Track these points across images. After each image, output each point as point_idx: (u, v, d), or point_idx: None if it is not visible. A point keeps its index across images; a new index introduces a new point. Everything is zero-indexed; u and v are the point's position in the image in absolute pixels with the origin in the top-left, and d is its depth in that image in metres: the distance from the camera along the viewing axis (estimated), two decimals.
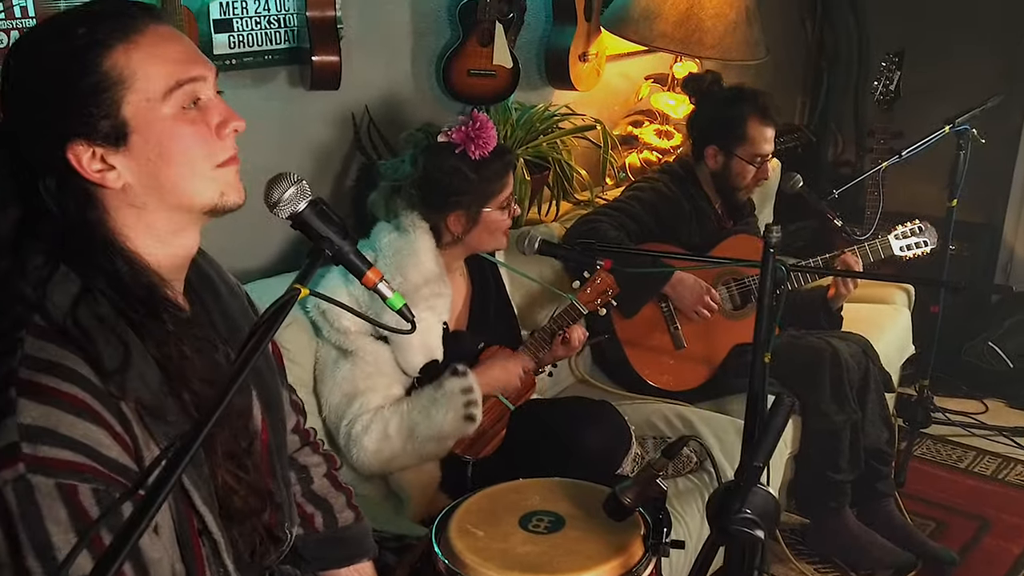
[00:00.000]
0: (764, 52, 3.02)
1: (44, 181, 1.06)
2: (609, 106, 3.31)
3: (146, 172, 1.08)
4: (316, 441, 1.51)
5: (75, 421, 0.98)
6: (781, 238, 1.58)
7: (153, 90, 1.06)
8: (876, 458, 2.59)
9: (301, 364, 2.03)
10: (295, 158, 2.39)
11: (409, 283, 1.95)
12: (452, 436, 1.96)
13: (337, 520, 1.46)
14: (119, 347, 1.03)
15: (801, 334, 2.68)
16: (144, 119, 1.06)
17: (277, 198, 1.08)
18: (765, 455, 1.04)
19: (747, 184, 2.67)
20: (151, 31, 1.08)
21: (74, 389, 0.98)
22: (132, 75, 1.05)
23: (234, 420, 1.17)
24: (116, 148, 1.06)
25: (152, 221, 1.11)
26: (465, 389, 1.94)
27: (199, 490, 1.09)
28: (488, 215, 2.01)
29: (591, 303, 2.16)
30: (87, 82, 1.03)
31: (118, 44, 1.05)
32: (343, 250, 1.09)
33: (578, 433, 1.95)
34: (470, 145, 1.95)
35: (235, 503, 1.16)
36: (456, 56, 2.59)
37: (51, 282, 1.03)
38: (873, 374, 2.59)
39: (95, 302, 1.03)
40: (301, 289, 0.99)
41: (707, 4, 2.84)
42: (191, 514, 1.09)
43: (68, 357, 1.00)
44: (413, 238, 1.98)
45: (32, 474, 0.95)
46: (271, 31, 2.21)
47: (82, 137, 1.04)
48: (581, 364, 2.68)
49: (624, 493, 1.28)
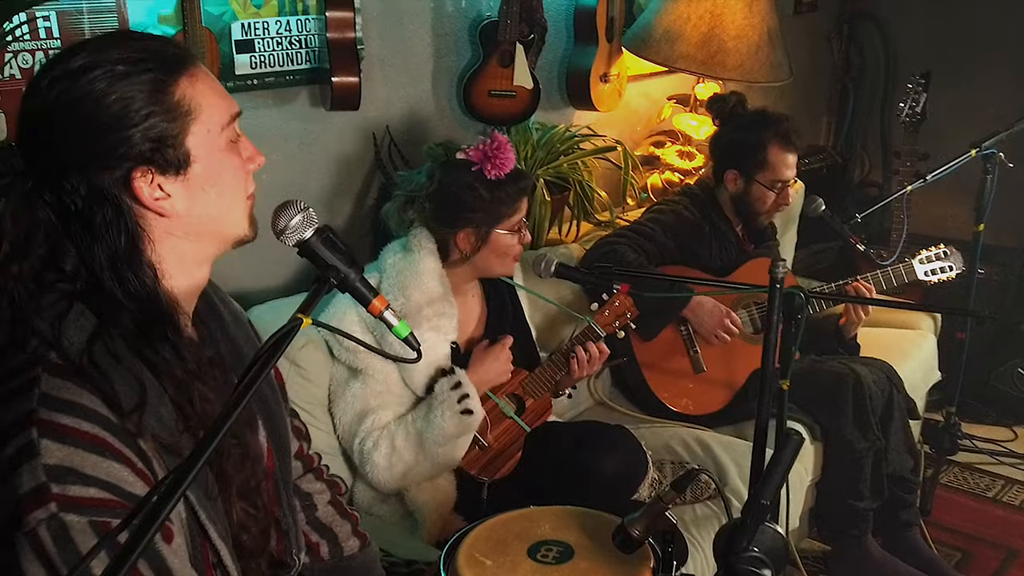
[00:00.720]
0: (788, 74, 3.00)
1: (100, 212, 1.04)
2: (631, 126, 3.30)
3: (197, 201, 1.10)
4: (320, 467, 1.50)
5: (99, 460, 0.98)
6: (789, 269, 1.56)
7: (215, 121, 1.09)
8: (900, 486, 2.54)
9: (317, 383, 2.03)
10: (316, 177, 2.41)
11: (411, 303, 1.95)
12: (456, 436, 1.94)
13: (343, 549, 1.45)
14: (136, 386, 1.03)
15: (823, 359, 2.64)
16: (205, 149, 1.09)
17: (283, 225, 1.08)
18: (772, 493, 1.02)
19: (767, 209, 2.64)
20: (200, 67, 1.11)
21: (95, 428, 0.98)
22: (199, 106, 1.08)
23: (250, 461, 1.17)
24: (176, 176, 1.07)
25: (184, 251, 1.12)
26: (454, 385, 1.93)
27: (215, 524, 1.09)
28: (498, 237, 2.00)
29: (609, 325, 2.15)
30: (159, 111, 1.04)
31: (183, 76, 1.07)
32: (349, 278, 1.09)
33: (593, 458, 1.92)
34: (487, 164, 1.95)
35: (246, 540, 1.16)
36: (476, 76, 2.60)
37: (66, 319, 1.03)
38: (897, 401, 2.54)
39: (110, 340, 1.03)
40: (303, 319, 0.99)
41: (729, 26, 2.83)
42: (207, 547, 1.09)
43: (85, 396, 0.99)
44: (417, 258, 1.99)
45: (64, 513, 0.95)
46: (292, 52, 2.23)
47: (148, 164, 1.05)
48: (600, 387, 2.66)
49: (633, 525, 1.26)
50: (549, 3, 2.81)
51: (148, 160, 1.05)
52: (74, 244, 1.05)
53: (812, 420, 2.48)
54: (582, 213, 2.83)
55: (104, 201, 1.04)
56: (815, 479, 2.50)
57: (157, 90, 1.05)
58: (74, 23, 1.85)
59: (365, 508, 2.05)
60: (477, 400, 1.95)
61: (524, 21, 2.59)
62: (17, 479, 0.95)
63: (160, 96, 1.05)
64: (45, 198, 1.04)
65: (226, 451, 1.12)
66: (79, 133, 1.03)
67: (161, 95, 1.05)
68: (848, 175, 4.15)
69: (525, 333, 2.26)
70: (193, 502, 1.06)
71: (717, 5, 2.82)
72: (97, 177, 1.04)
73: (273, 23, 2.18)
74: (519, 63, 2.60)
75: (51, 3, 1.79)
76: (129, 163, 1.04)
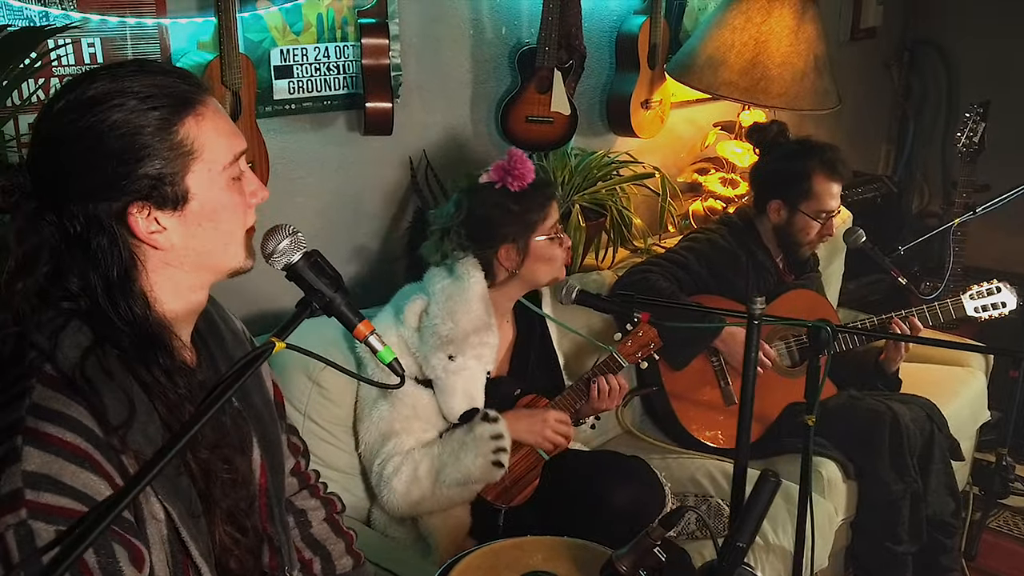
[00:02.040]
0: (835, 101, 2.94)
1: (96, 239, 1.07)
2: (675, 153, 3.28)
3: (193, 236, 1.12)
4: (317, 485, 1.52)
5: (77, 471, 1.00)
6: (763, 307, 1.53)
7: (217, 161, 1.12)
8: (940, 530, 2.43)
9: (339, 404, 2.06)
10: (352, 201, 2.46)
11: (459, 329, 1.96)
12: (479, 481, 1.95)
13: (335, 567, 1.46)
14: (125, 402, 1.05)
15: (862, 395, 2.55)
16: (204, 187, 1.11)
17: (272, 249, 1.11)
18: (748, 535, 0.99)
19: (811, 240, 2.58)
20: (210, 102, 1.14)
21: (78, 440, 1.01)
22: (201, 147, 1.10)
23: (240, 486, 1.19)
24: (172, 212, 1.10)
25: (180, 280, 1.15)
26: (495, 435, 1.93)
27: (197, 543, 1.11)
28: (538, 244, 2.02)
29: (632, 355, 2.13)
30: (161, 149, 1.07)
31: (189, 115, 1.10)
32: (335, 302, 1.11)
33: (606, 488, 1.90)
34: (508, 179, 1.99)
35: (231, 564, 1.18)
36: (514, 103, 2.62)
37: (63, 333, 1.06)
38: (938, 441, 2.44)
39: (104, 356, 1.06)
40: (276, 343, 1.01)
41: (774, 53, 2.79)
42: (187, 565, 1.11)
43: (74, 407, 1.03)
44: (466, 285, 2.00)
45: (33, 520, 0.98)
46: (330, 77, 2.30)
47: (145, 200, 1.08)
48: (629, 416, 2.63)
49: (620, 561, 1.24)
50: (591, 30, 2.83)
51: (146, 196, 1.08)
52: (74, 265, 1.09)
53: (846, 458, 2.40)
54: (619, 239, 2.81)
55: (100, 229, 1.08)
56: (848, 518, 2.41)
57: (162, 128, 1.08)
58: (117, 48, 1.93)
59: (380, 529, 2.07)
60: (509, 456, 1.95)
61: (563, 48, 2.60)
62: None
63: (164, 135, 1.08)
64: (48, 219, 1.08)
65: (215, 475, 1.14)
66: (82, 163, 1.06)
67: (165, 134, 1.08)
68: (905, 205, 4.03)
69: (551, 360, 2.26)
70: (175, 518, 1.09)
71: (762, 32, 2.79)
72: (95, 207, 1.07)
73: (312, 49, 2.25)
74: (556, 89, 2.62)
75: (97, 29, 1.89)
76: (127, 197, 1.07)
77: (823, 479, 2.34)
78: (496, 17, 2.63)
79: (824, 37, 2.88)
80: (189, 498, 1.11)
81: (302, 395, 2.04)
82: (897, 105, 4.20)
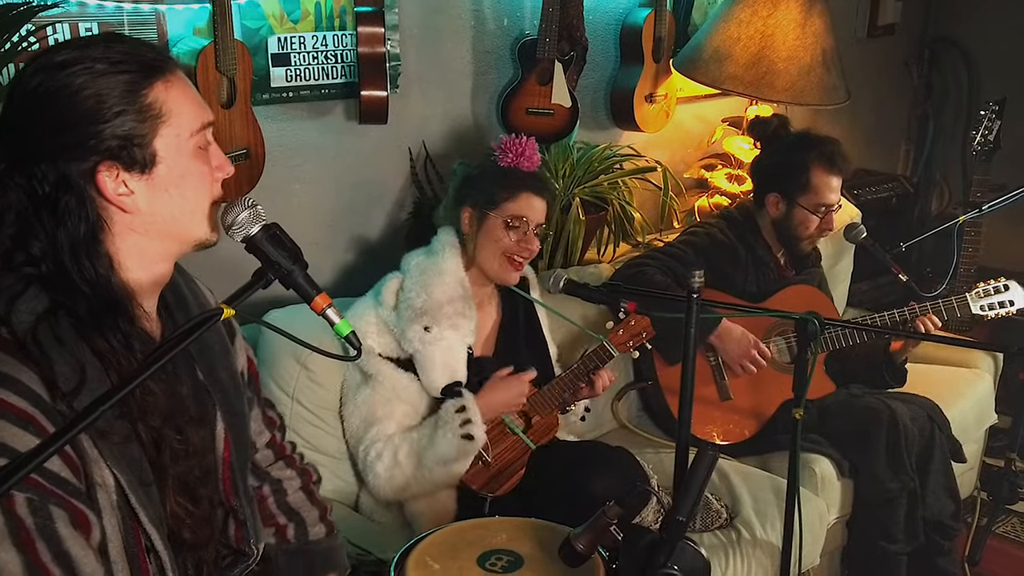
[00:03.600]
0: (844, 96, 2.90)
1: (64, 199, 1.10)
2: (682, 148, 3.26)
3: (159, 201, 1.14)
4: (293, 455, 1.53)
5: (20, 433, 1.01)
6: (703, 284, 1.52)
7: (184, 127, 1.14)
8: (938, 532, 2.38)
9: (326, 387, 2.08)
10: (349, 190, 2.47)
11: (433, 300, 1.98)
12: (457, 459, 1.96)
13: (308, 533, 1.47)
14: (76, 369, 1.06)
15: (860, 393, 2.51)
16: (171, 152, 1.13)
17: (230, 221, 1.13)
18: (688, 509, 0.98)
19: (810, 234, 2.55)
20: (178, 72, 1.16)
21: (23, 403, 1.03)
22: (169, 111, 1.13)
23: (192, 456, 1.20)
24: (140, 175, 1.12)
25: (144, 247, 1.16)
26: (459, 408, 1.94)
27: (146, 509, 1.12)
28: (492, 222, 2.03)
29: (623, 345, 2.11)
30: (130, 111, 1.10)
31: (158, 80, 1.12)
32: (293, 274, 1.13)
33: (585, 477, 1.90)
34: (504, 150, 2.06)
35: (184, 534, 1.19)
36: (514, 94, 2.62)
37: (20, 299, 1.08)
38: (939, 441, 2.39)
39: (57, 323, 1.07)
40: (224, 309, 1.02)
41: (780, 47, 2.76)
42: (139, 532, 1.13)
43: (23, 372, 1.03)
44: (440, 259, 2.04)
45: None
46: (328, 66, 2.32)
47: (114, 160, 1.10)
48: (624, 411, 2.61)
49: (577, 539, 1.23)
50: (595, 22, 2.82)
51: (115, 156, 1.10)
52: (41, 227, 1.10)
53: (841, 455, 2.37)
54: (620, 233, 2.80)
55: (69, 189, 1.10)
56: (843, 517, 2.37)
57: (131, 91, 1.10)
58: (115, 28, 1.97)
59: (367, 514, 2.08)
60: (480, 426, 1.95)
61: (564, 39, 2.60)
62: None
63: (133, 97, 1.10)
64: (16, 180, 1.10)
65: (165, 444, 1.15)
66: (53, 123, 1.08)
67: (134, 96, 1.10)
68: (924, 206, 3.95)
69: (541, 349, 2.25)
70: (124, 484, 1.09)
71: (768, 26, 2.76)
72: (65, 166, 1.09)
73: (309, 38, 2.27)
74: (557, 81, 2.61)
75: (94, 14, 1.92)
76: (96, 156, 1.10)
77: (816, 476, 2.31)
78: (497, 8, 2.64)
79: (832, 32, 2.85)
80: (140, 466, 1.12)
81: (290, 378, 2.06)
82: (916, 104, 4.13)
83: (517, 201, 2.03)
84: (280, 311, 2.12)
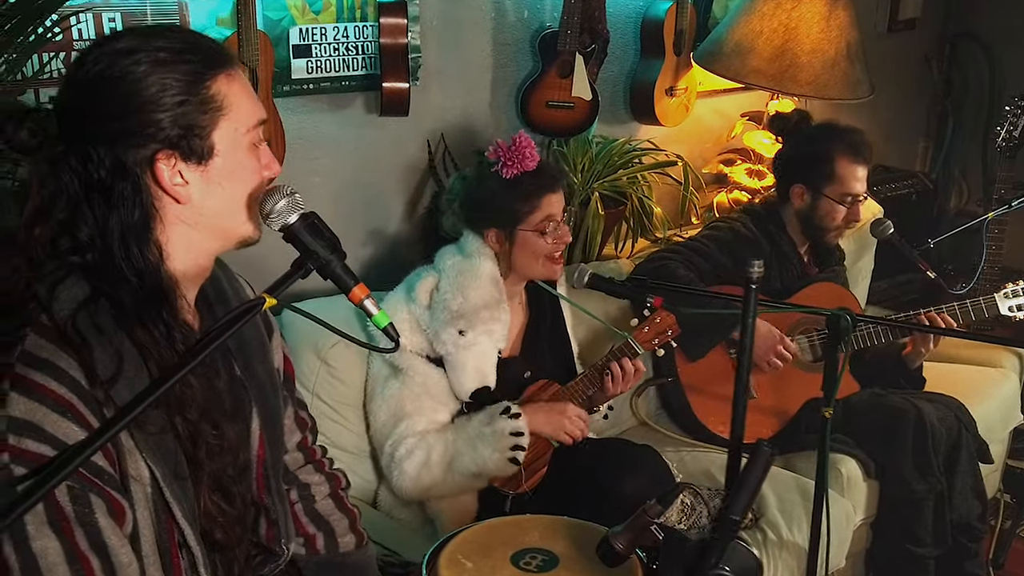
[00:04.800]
0: (868, 90, 2.86)
1: (119, 184, 1.08)
2: (701, 143, 3.22)
3: (211, 194, 1.13)
4: (322, 460, 1.51)
5: (59, 420, 1.01)
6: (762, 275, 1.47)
7: (242, 122, 1.14)
8: (965, 534, 2.35)
9: (347, 383, 2.05)
10: (368, 183, 2.45)
11: (469, 304, 1.95)
12: (492, 474, 1.94)
13: (338, 544, 1.45)
14: (114, 357, 1.05)
15: (886, 392, 2.47)
16: (228, 145, 1.13)
17: (269, 209, 1.11)
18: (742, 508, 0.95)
19: (837, 225, 2.51)
20: (239, 69, 1.16)
21: (62, 389, 1.02)
22: (230, 104, 1.12)
23: (227, 452, 1.18)
24: (196, 166, 1.11)
25: (192, 239, 1.15)
26: (515, 432, 1.90)
27: (180, 504, 1.11)
28: (524, 236, 1.98)
29: (648, 342, 2.08)
30: (193, 101, 1.09)
31: (221, 73, 1.12)
32: (331, 264, 1.11)
33: (613, 476, 1.87)
34: (504, 162, 1.96)
35: (216, 534, 1.17)
36: (535, 87, 2.59)
37: (61, 285, 1.07)
38: (966, 442, 2.35)
39: (96, 311, 1.06)
40: (267, 298, 1.00)
41: (804, 40, 2.72)
42: (172, 526, 1.11)
43: (63, 358, 1.03)
44: (476, 262, 1.99)
45: (15, 465, 0.99)
46: (349, 58, 2.29)
47: (173, 149, 1.09)
48: (643, 407, 2.58)
49: (616, 539, 1.20)
50: (615, 14, 2.79)
51: (174, 145, 1.09)
52: (92, 213, 1.09)
53: (867, 456, 2.33)
54: (639, 229, 2.77)
55: (125, 175, 1.08)
56: (868, 518, 2.34)
57: (194, 81, 1.10)
58: (137, 23, 1.94)
59: (386, 511, 2.05)
60: (525, 453, 1.92)
61: (585, 31, 2.56)
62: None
63: (196, 87, 1.10)
64: (71, 164, 1.08)
65: (201, 439, 1.13)
66: (114, 109, 1.07)
67: (197, 86, 1.10)
68: (943, 203, 3.91)
69: (563, 345, 2.23)
70: (159, 477, 1.08)
71: (792, 19, 2.73)
72: (124, 152, 1.08)
73: (331, 29, 2.24)
74: (578, 74, 2.58)
75: (117, 4, 1.90)
76: (156, 144, 1.09)
77: (842, 477, 2.28)
78: (518, 0, 2.60)
79: (857, 24, 2.81)
80: (175, 460, 1.11)
81: (310, 373, 2.03)
82: (936, 100, 4.08)
83: (540, 208, 1.98)
84: (305, 303, 2.08)
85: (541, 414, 1.99)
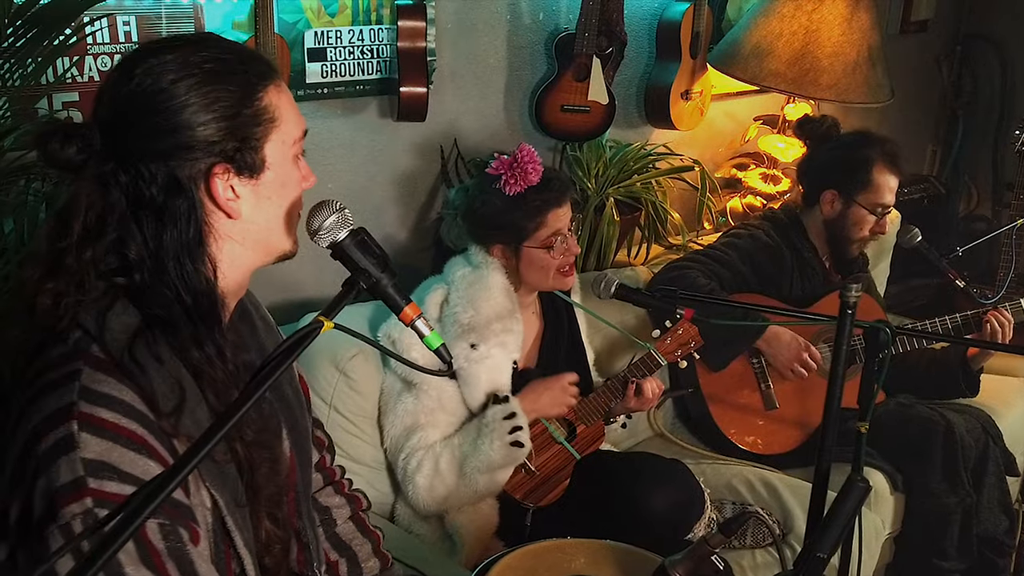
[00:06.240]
0: (888, 95, 2.82)
1: (173, 200, 1.03)
2: (713, 147, 3.18)
3: (260, 208, 1.09)
4: (342, 481, 1.46)
5: (135, 457, 0.96)
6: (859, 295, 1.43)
7: (291, 133, 1.10)
8: (992, 548, 2.31)
9: (365, 395, 2.00)
10: (381, 188, 2.39)
11: (481, 316, 1.89)
12: (502, 466, 1.88)
13: (362, 570, 1.40)
14: (175, 387, 1.01)
15: (911, 403, 2.43)
16: (278, 158, 1.09)
17: (317, 226, 1.06)
18: (831, 545, 0.90)
19: (862, 235, 2.45)
20: (283, 81, 1.12)
21: (133, 425, 0.97)
22: (281, 116, 1.08)
23: (279, 476, 1.14)
24: (249, 179, 1.07)
25: (238, 255, 1.11)
26: (508, 415, 1.85)
27: (241, 533, 1.07)
28: (530, 252, 1.93)
29: (671, 354, 2.04)
30: (247, 113, 1.05)
31: (271, 84, 1.08)
32: (381, 283, 1.06)
33: (644, 491, 1.82)
34: (506, 177, 1.89)
35: (266, 559, 1.13)
36: (550, 91, 2.54)
37: (111, 312, 1.01)
38: (993, 454, 2.32)
39: (153, 340, 1.01)
40: (324, 322, 0.94)
41: (825, 42, 2.68)
42: (230, 556, 1.07)
43: (125, 392, 0.98)
44: (486, 273, 1.94)
45: (100, 508, 0.93)
46: (364, 61, 2.23)
47: (228, 163, 1.05)
48: (660, 418, 2.53)
49: (675, 567, 1.15)
50: (630, 16, 2.73)
51: (230, 158, 1.05)
52: (140, 231, 1.03)
53: (894, 468, 2.29)
54: (653, 235, 2.72)
55: (180, 191, 1.03)
56: (893, 532, 2.30)
57: (247, 94, 1.06)
58: (152, 26, 1.88)
59: (405, 526, 2.00)
60: (528, 432, 1.87)
61: (603, 34, 2.51)
62: (55, 472, 0.94)
63: (249, 99, 1.06)
64: (121, 181, 1.03)
65: (258, 462, 1.09)
66: (168, 123, 1.02)
67: (251, 99, 1.06)
68: (952, 208, 3.88)
69: (580, 355, 2.17)
70: (221, 507, 1.04)
71: (813, 21, 2.68)
72: (178, 167, 1.03)
73: (346, 32, 2.18)
74: (595, 77, 2.53)
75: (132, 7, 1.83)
76: (212, 159, 1.04)
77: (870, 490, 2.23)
78: (533, 2, 2.55)
79: (879, 27, 2.76)
80: (236, 487, 1.07)
81: (328, 385, 1.97)
82: (946, 104, 4.05)
83: (546, 224, 1.92)
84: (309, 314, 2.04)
85: (542, 396, 1.94)
